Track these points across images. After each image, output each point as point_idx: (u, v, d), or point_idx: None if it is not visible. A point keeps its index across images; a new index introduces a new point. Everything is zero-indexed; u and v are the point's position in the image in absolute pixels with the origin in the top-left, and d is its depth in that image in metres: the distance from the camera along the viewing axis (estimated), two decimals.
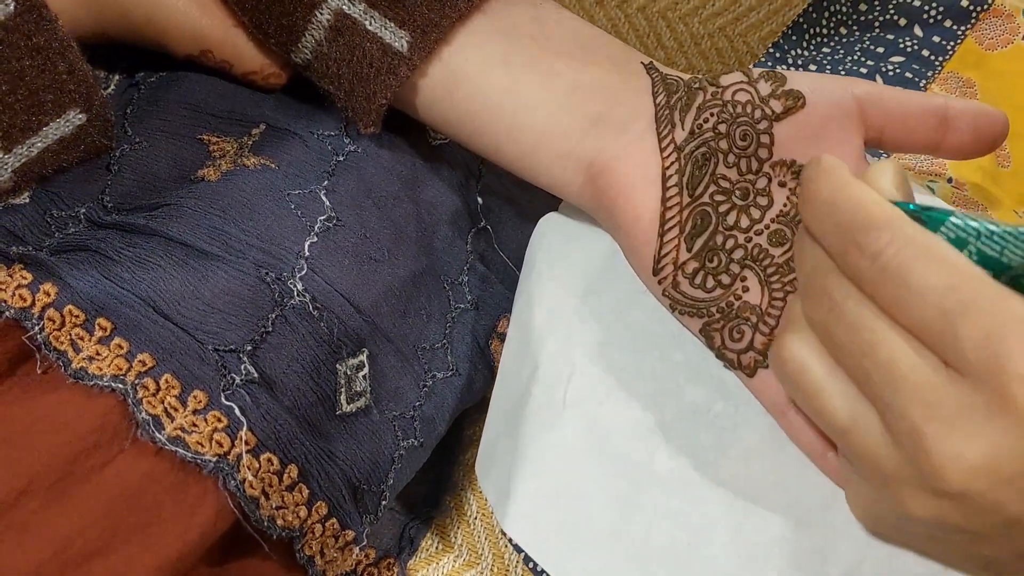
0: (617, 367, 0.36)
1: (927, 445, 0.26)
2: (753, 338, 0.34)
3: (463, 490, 0.43)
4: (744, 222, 0.35)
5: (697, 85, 0.36)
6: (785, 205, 0.35)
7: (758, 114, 0.34)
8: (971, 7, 0.49)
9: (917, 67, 0.49)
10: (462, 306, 0.41)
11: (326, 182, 0.38)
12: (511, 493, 0.35)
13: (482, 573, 0.42)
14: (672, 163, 0.35)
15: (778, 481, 0.34)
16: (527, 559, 0.35)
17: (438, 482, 0.44)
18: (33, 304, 0.32)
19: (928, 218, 0.27)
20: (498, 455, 0.37)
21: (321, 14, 0.37)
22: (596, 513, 0.34)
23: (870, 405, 0.28)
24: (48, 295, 0.32)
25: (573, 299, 0.37)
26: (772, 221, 0.34)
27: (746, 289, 0.34)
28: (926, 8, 0.49)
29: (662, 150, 0.35)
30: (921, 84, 0.49)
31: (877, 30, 0.51)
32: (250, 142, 0.39)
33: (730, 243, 0.35)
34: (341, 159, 0.39)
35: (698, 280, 0.35)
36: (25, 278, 0.32)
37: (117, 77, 0.43)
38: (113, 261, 0.34)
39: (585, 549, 0.34)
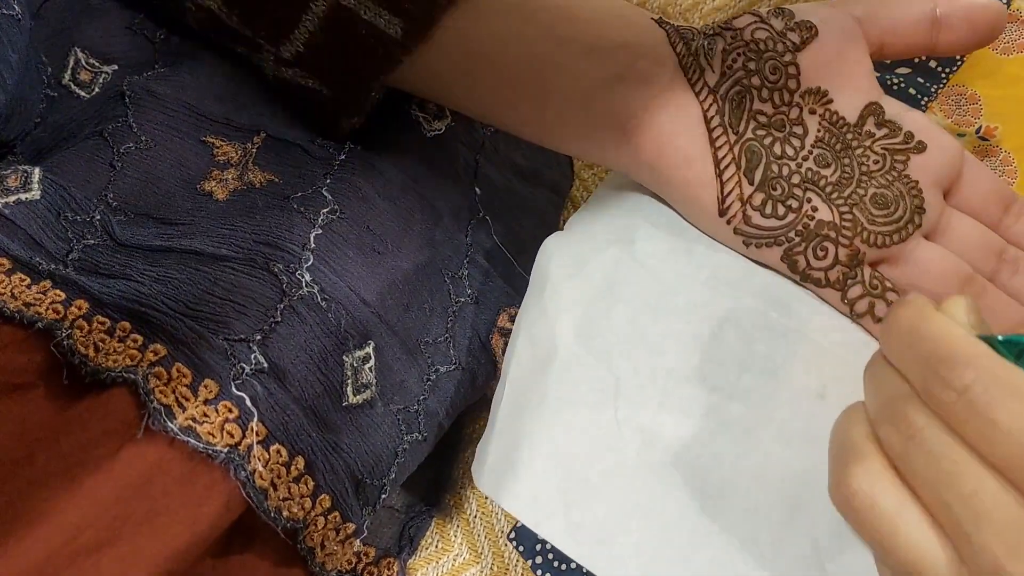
0: (661, 376, 0.35)
1: None
2: (837, 252, 0.35)
3: (463, 489, 0.43)
4: (789, 151, 0.35)
5: (712, 32, 0.37)
6: (819, 131, 0.36)
7: (781, 47, 0.36)
8: None
9: (922, 80, 0.50)
10: (463, 300, 0.41)
11: (328, 180, 0.38)
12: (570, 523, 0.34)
13: (482, 572, 0.42)
14: (711, 105, 0.36)
15: (796, 493, 0.34)
16: (535, 567, 0.35)
17: (438, 481, 0.44)
18: (65, 317, 0.32)
19: (1009, 342, 0.26)
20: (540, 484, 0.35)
21: (316, 5, 0.37)
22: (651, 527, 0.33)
23: (946, 539, 0.27)
24: (80, 309, 0.33)
25: (593, 315, 0.37)
26: (812, 147, 0.36)
27: (815, 208, 0.35)
28: None
29: (696, 94, 0.36)
30: (923, 101, 0.50)
31: None
32: (253, 150, 0.39)
33: (786, 170, 0.35)
34: (343, 157, 0.39)
35: (768, 209, 0.35)
36: (58, 296, 0.33)
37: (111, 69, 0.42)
38: (138, 283, 0.34)
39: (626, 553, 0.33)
